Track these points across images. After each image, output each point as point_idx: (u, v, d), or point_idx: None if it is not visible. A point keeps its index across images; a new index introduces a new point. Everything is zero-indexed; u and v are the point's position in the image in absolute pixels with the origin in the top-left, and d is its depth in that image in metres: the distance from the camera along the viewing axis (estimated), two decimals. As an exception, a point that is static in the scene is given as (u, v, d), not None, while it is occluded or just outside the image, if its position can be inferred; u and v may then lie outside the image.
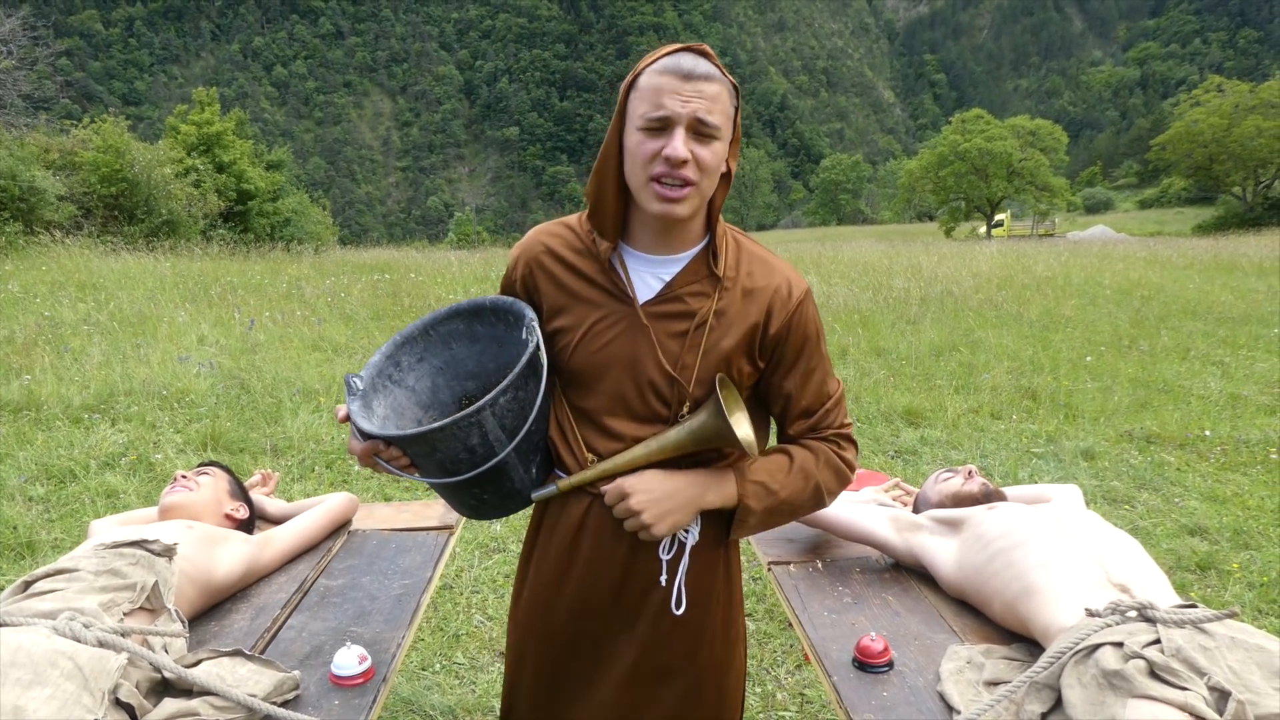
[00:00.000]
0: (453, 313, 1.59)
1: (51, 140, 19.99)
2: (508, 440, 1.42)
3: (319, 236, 29.03)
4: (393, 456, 1.42)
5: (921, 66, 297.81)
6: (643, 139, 1.37)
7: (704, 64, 1.36)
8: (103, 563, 1.69)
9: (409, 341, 1.57)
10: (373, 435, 1.39)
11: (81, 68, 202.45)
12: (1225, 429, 6.01)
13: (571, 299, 1.52)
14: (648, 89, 1.36)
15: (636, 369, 1.48)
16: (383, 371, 1.54)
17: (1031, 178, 50.87)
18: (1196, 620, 1.41)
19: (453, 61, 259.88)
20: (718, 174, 1.42)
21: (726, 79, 1.39)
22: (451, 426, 1.35)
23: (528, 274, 1.57)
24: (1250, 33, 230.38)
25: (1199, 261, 18.12)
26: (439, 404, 1.60)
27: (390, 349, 1.56)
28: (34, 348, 7.20)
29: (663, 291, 1.49)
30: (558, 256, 1.54)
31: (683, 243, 1.50)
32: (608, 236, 1.49)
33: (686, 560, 1.55)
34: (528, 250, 1.58)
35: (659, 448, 1.47)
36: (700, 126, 1.35)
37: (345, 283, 13.40)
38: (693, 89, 1.34)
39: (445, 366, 1.60)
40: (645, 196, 1.40)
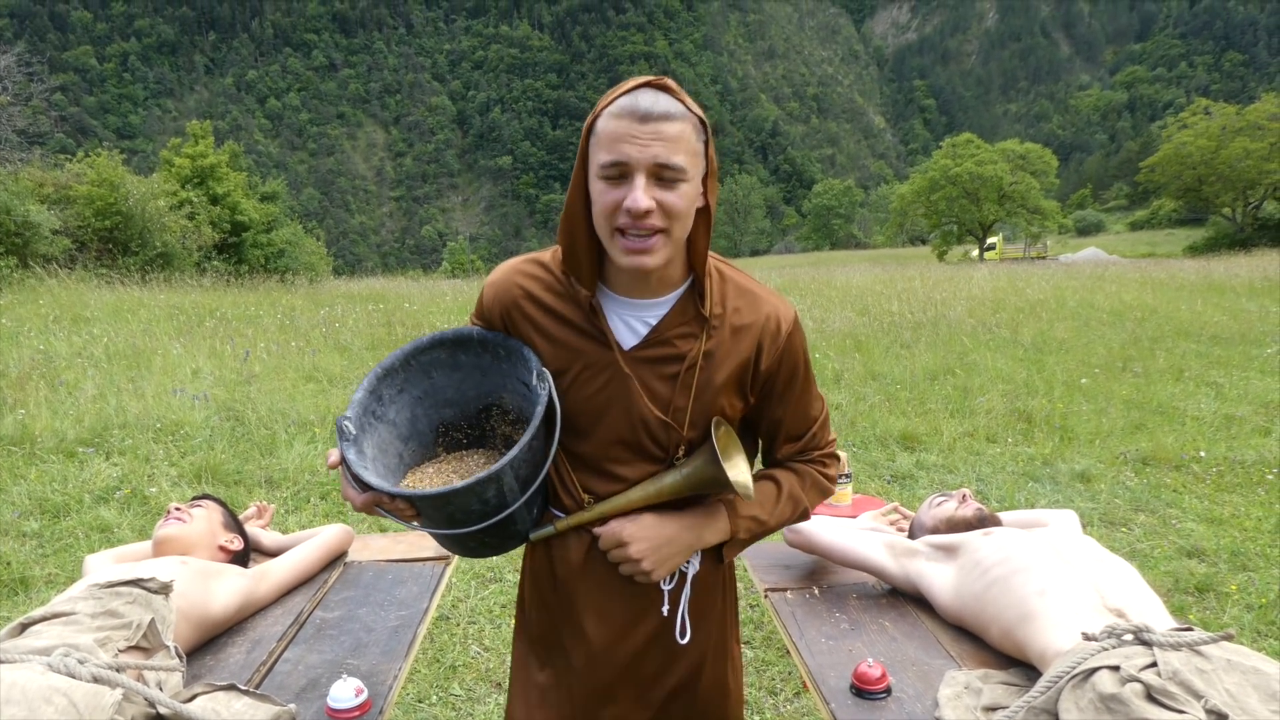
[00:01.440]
0: (435, 342, 1.53)
1: (46, 175, 20.01)
2: (521, 492, 1.40)
3: (313, 267, 29.04)
4: (399, 509, 1.37)
5: (911, 92, 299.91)
6: (604, 188, 1.30)
7: (664, 100, 1.27)
8: (99, 604, 1.68)
9: (390, 374, 1.52)
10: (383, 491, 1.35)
11: (76, 102, 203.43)
12: (1221, 450, 6.01)
13: (555, 345, 1.47)
14: (604, 134, 1.28)
15: (629, 414, 1.45)
16: (367, 409, 1.49)
17: (1022, 201, 51.13)
18: (1193, 643, 1.41)
19: (445, 92, 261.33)
20: (689, 216, 1.34)
21: (691, 113, 1.31)
22: (472, 487, 1.32)
23: (506, 316, 1.52)
24: (1235, 56, 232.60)
25: (1191, 282, 18.19)
26: (417, 434, 1.56)
27: (372, 383, 1.50)
28: (28, 382, 7.18)
29: (650, 336, 1.45)
30: (536, 300, 1.49)
31: (664, 285, 1.44)
32: (585, 285, 1.44)
33: (689, 589, 1.55)
34: (503, 292, 1.51)
35: (655, 491, 1.47)
36: (662, 171, 1.27)
37: (340, 313, 13.41)
38: (650, 131, 1.25)
39: (424, 395, 1.56)
40: (613, 249, 1.34)
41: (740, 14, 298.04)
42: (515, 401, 1.56)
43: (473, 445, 1.60)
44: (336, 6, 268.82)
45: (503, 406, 1.58)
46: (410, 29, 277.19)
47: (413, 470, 1.54)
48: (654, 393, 1.45)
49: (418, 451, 1.56)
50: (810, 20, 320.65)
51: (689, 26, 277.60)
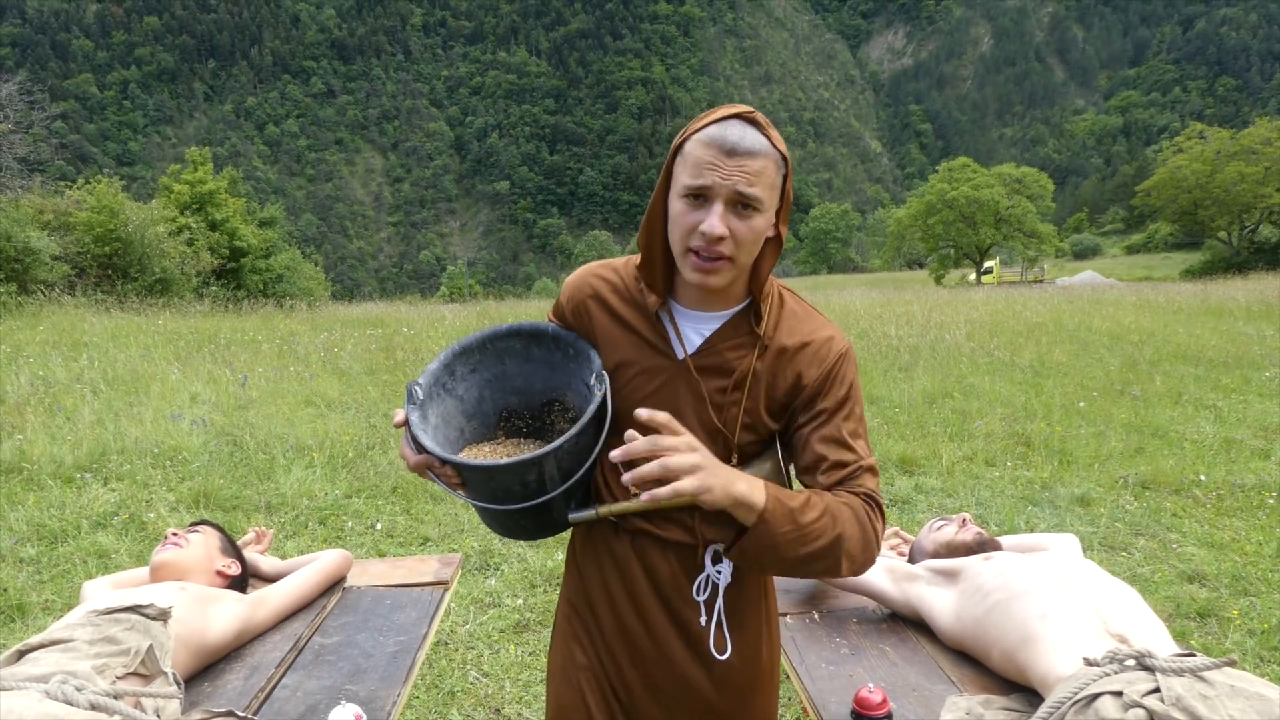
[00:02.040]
0: (513, 331, 1.62)
1: (46, 201, 20.08)
2: (561, 482, 1.46)
3: (311, 292, 29.06)
4: (447, 475, 1.44)
5: (907, 117, 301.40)
6: (684, 208, 1.37)
7: (750, 135, 1.34)
8: (98, 631, 1.68)
9: (466, 351, 1.61)
10: (435, 455, 1.42)
11: (77, 130, 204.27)
12: (1220, 474, 6.01)
13: (616, 346, 1.55)
14: (692, 158, 1.35)
15: (682, 418, 1.46)
16: (438, 380, 1.57)
17: (1019, 224, 51.37)
18: (1196, 668, 1.40)
19: (443, 118, 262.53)
20: (757, 246, 1.41)
21: (775, 149, 1.37)
22: (515, 466, 1.39)
23: (577, 314, 1.61)
24: (1229, 81, 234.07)
25: (1188, 306, 18.23)
26: (481, 414, 1.64)
27: (448, 357, 1.59)
28: (26, 407, 7.17)
29: (703, 346, 1.51)
30: (604, 302, 1.57)
31: (724, 302, 1.51)
32: (657, 292, 1.51)
33: (722, 602, 1.56)
34: (578, 290, 1.61)
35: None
36: (740, 199, 1.34)
37: (338, 338, 13.41)
38: (735, 164, 1.32)
39: (494, 379, 1.64)
40: (683, 264, 1.42)
41: (736, 39, 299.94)
42: (576, 401, 1.61)
43: (531, 435, 1.66)
44: (335, 34, 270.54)
45: (564, 403, 1.64)
46: (408, 55, 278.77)
47: (471, 446, 1.60)
48: (704, 398, 1.51)
49: (479, 430, 1.63)
50: (806, 45, 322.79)
51: (686, 52, 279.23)
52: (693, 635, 1.57)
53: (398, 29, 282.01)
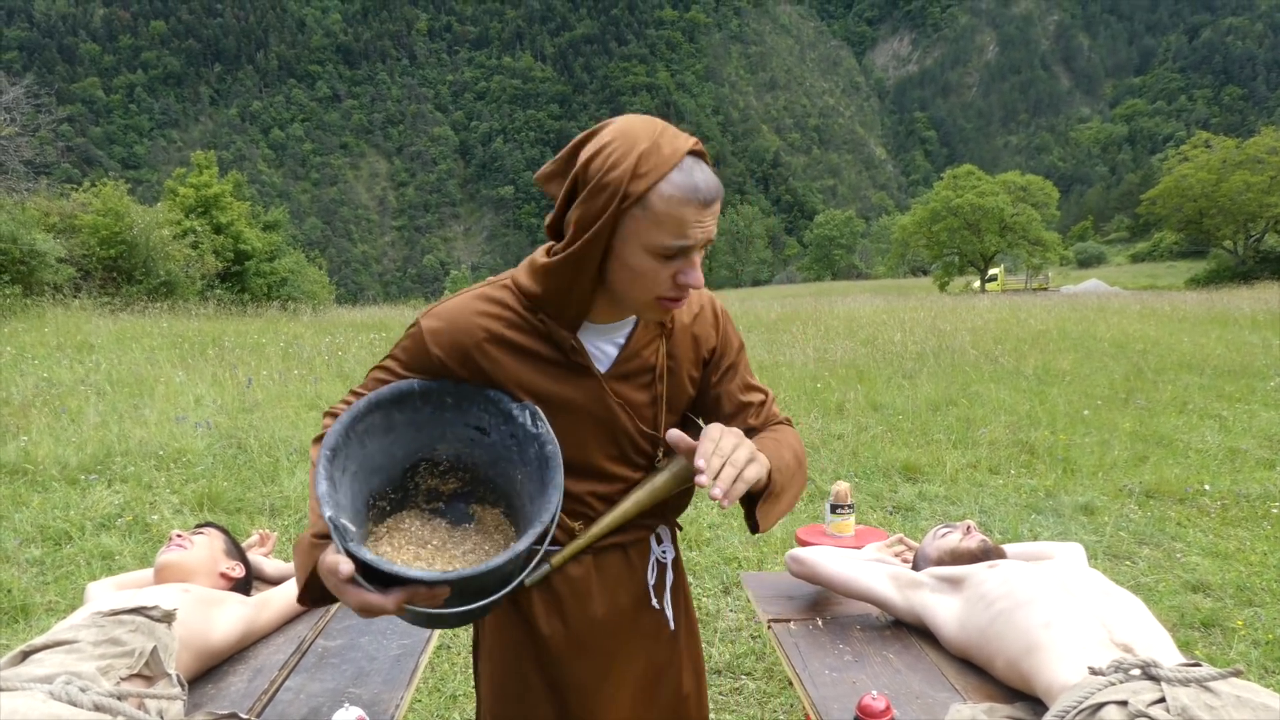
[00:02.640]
0: (372, 405, 1.38)
1: (52, 204, 20.16)
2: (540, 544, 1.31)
3: (316, 295, 29.12)
4: (435, 597, 1.22)
5: (912, 124, 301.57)
6: (655, 264, 1.30)
7: (710, 177, 1.29)
8: (102, 632, 1.68)
9: (336, 453, 1.33)
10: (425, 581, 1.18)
11: (83, 133, 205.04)
12: (1225, 483, 6.00)
13: (529, 384, 1.44)
14: (666, 217, 1.26)
15: (613, 434, 1.50)
16: (339, 504, 1.28)
17: (1024, 232, 51.31)
18: (1201, 679, 1.40)
19: (448, 122, 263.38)
20: None
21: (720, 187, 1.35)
22: (524, 551, 1.25)
23: (466, 360, 1.42)
24: (1234, 90, 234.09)
25: (1193, 315, 18.21)
26: (355, 514, 1.34)
27: (327, 469, 1.30)
28: (31, 409, 7.19)
29: (621, 355, 1.49)
30: (504, 340, 1.43)
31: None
32: (569, 328, 1.43)
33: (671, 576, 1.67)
34: (463, 334, 1.42)
35: (648, 495, 1.53)
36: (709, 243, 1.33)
37: (342, 341, 13.43)
38: (710, 214, 1.30)
39: (359, 469, 1.38)
40: (644, 309, 1.38)
41: (742, 45, 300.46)
42: (452, 450, 1.45)
43: (394, 509, 1.44)
44: (340, 38, 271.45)
45: (433, 459, 1.46)
46: (414, 60, 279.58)
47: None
48: (634, 405, 1.51)
49: (359, 534, 1.33)
50: (811, 52, 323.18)
51: (691, 58, 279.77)
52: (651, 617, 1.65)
53: (403, 34, 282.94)
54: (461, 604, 1.26)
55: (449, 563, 1.34)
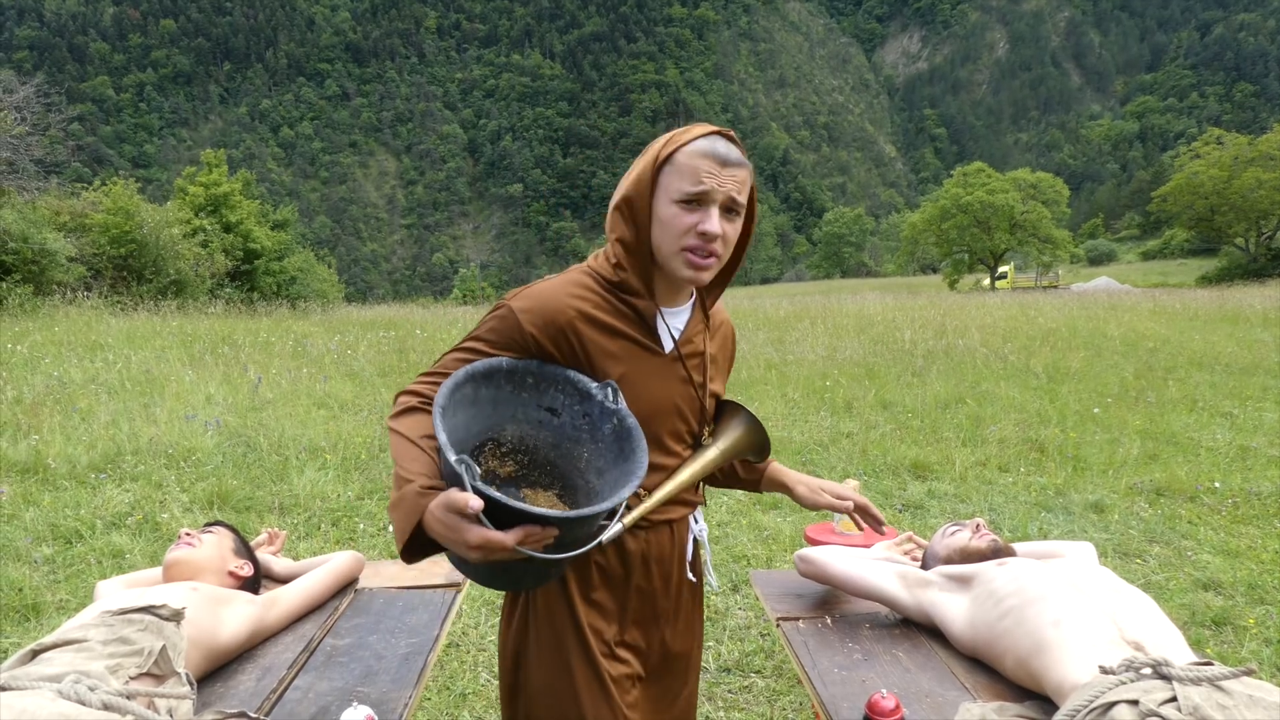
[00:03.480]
0: (467, 377, 1.47)
1: (62, 203, 20.25)
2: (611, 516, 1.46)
3: (325, 294, 29.23)
4: (546, 537, 1.29)
5: (922, 121, 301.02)
6: (679, 212, 1.51)
7: (735, 151, 1.52)
8: (111, 631, 1.68)
9: (445, 411, 1.39)
10: (549, 518, 1.26)
11: (93, 132, 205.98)
12: (1236, 481, 5.97)
13: (618, 358, 1.61)
14: (686, 167, 1.50)
15: (676, 409, 1.68)
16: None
17: (1034, 230, 51.21)
18: (1213, 677, 1.39)
19: (456, 120, 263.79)
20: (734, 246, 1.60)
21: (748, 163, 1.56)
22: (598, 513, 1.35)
23: (558, 338, 1.54)
24: (1246, 86, 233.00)
25: (1204, 312, 18.14)
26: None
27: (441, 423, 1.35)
28: (42, 408, 7.22)
29: (681, 338, 1.68)
30: (594, 320, 1.58)
31: (685, 295, 1.70)
32: (650, 298, 1.61)
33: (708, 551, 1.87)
34: (557, 314, 1.54)
35: (701, 468, 1.69)
36: (732, 205, 1.52)
37: (351, 340, 13.46)
38: (728, 174, 1.49)
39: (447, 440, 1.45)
40: (675, 264, 1.54)
41: (751, 43, 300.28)
42: (518, 431, 1.54)
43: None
44: (349, 37, 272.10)
45: (499, 440, 1.54)
46: (422, 58, 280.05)
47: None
48: (691, 382, 1.70)
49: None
50: (821, 49, 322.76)
51: (700, 55, 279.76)
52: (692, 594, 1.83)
53: (412, 32, 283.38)
54: (567, 550, 1.35)
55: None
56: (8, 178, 19.44)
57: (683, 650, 1.82)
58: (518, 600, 1.70)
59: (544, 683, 1.64)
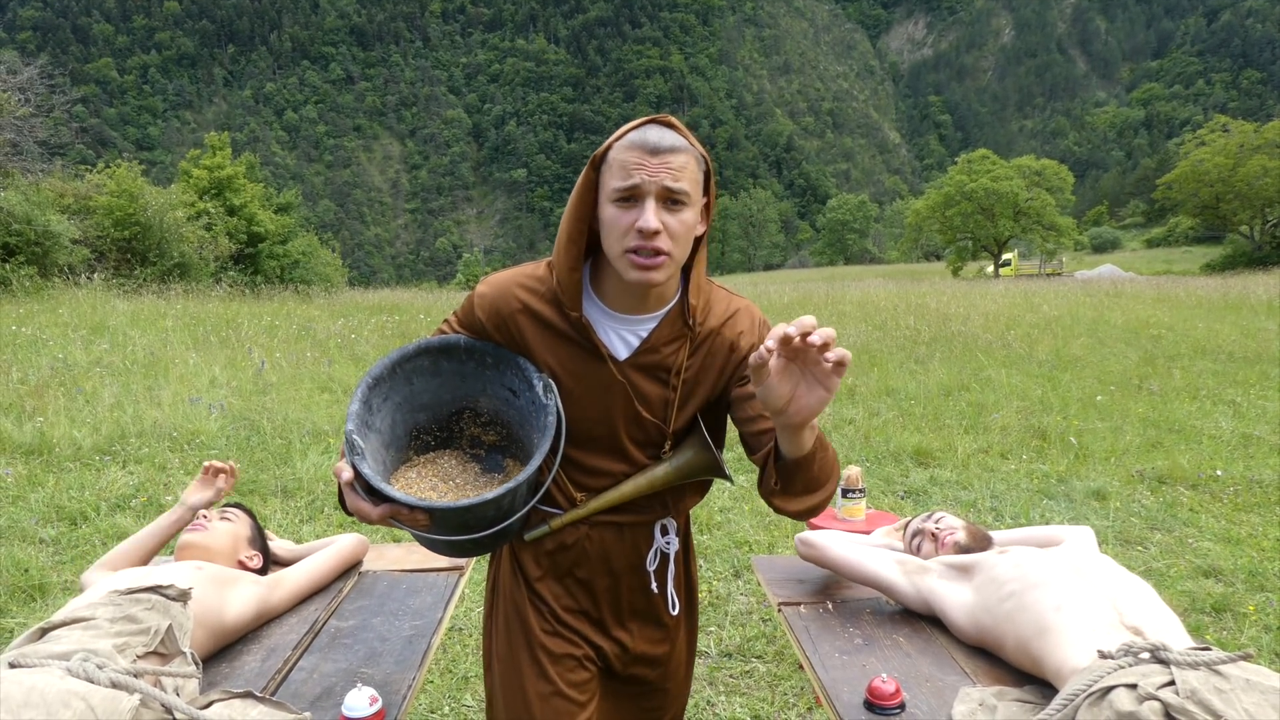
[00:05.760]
0: (421, 349, 1.59)
1: (66, 185, 20.22)
2: (530, 497, 1.50)
3: (328, 278, 29.18)
4: (415, 520, 1.42)
5: (926, 108, 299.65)
6: (617, 213, 1.43)
7: (670, 136, 1.42)
8: (119, 609, 1.69)
9: (378, 382, 1.55)
10: (407, 504, 1.38)
11: (97, 114, 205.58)
12: (1238, 469, 5.98)
13: (554, 356, 1.59)
14: (617, 163, 1.42)
15: (622, 418, 1.61)
16: (363, 420, 1.51)
17: (1038, 217, 51.02)
18: (1211, 662, 1.40)
19: (461, 105, 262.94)
20: (689, 241, 1.48)
21: (694, 148, 1.45)
22: (497, 498, 1.39)
23: (503, 328, 1.60)
24: (1253, 74, 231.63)
25: (1208, 300, 18.11)
26: (395, 439, 1.60)
27: (364, 393, 1.53)
28: (47, 390, 7.24)
29: (641, 347, 1.58)
30: (535, 313, 1.58)
31: (659, 302, 1.58)
32: (571, 306, 1.54)
33: (673, 568, 1.76)
34: (501, 303, 1.60)
35: (647, 483, 1.63)
36: (669, 195, 1.41)
37: (355, 324, 13.47)
38: (659, 162, 1.40)
39: (403, 402, 1.60)
40: (622, 266, 1.46)
41: (756, 29, 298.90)
42: (491, 405, 1.64)
43: (440, 446, 1.67)
44: (354, 20, 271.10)
45: (476, 409, 1.66)
46: (427, 42, 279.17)
47: (394, 476, 1.58)
48: (645, 396, 1.60)
49: (396, 457, 1.61)
50: (826, 35, 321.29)
51: (704, 41, 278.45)
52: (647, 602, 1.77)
53: (417, 15, 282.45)
54: (462, 533, 1.45)
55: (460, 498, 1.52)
56: (12, 159, 19.44)
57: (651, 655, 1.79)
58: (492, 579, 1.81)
59: (502, 653, 1.75)
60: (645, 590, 1.75)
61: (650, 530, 1.73)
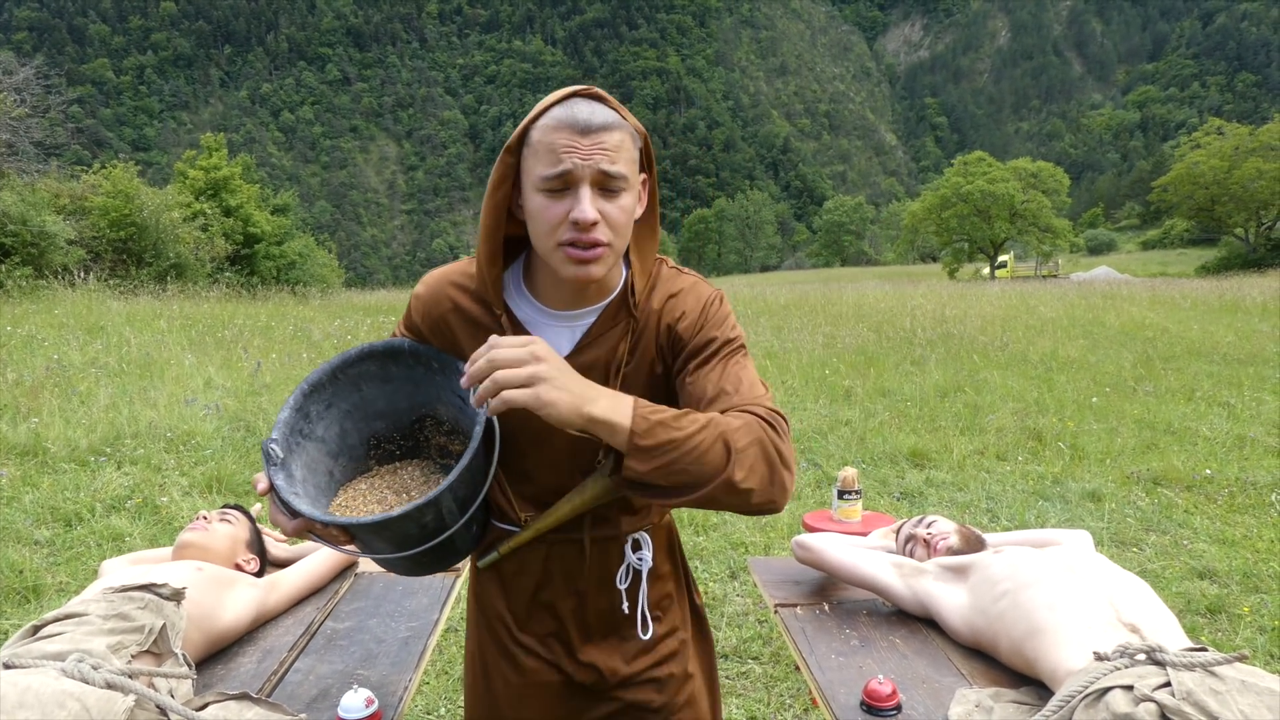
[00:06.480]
0: (364, 354, 1.46)
1: (62, 186, 20.19)
2: (460, 513, 1.36)
3: (325, 279, 29.17)
4: (332, 535, 1.30)
5: (923, 110, 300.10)
6: (546, 202, 1.25)
7: (600, 110, 1.24)
8: (111, 607, 1.69)
9: (316, 389, 1.45)
10: (314, 519, 1.28)
11: (93, 115, 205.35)
12: (1233, 471, 5.99)
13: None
14: (542, 146, 1.24)
15: (545, 429, 1.35)
16: (294, 429, 1.41)
17: (1034, 219, 51.16)
18: (1206, 663, 1.40)
19: (457, 106, 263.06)
20: (629, 228, 1.31)
21: (628, 122, 1.28)
22: (410, 512, 1.26)
23: (436, 330, 1.47)
24: (1248, 76, 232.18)
25: (1203, 302, 18.14)
26: (347, 449, 1.49)
27: (298, 401, 1.43)
28: (42, 391, 7.22)
29: (582, 343, 1.41)
30: (464, 313, 1.44)
31: (600, 294, 1.41)
32: (494, 303, 1.41)
33: (645, 586, 1.57)
34: (434, 303, 1.46)
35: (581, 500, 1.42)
36: (606, 180, 1.23)
37: (351, 325, 13.46)
38: (592, 142, 1.22)
39: (354, 409, 1.49)
40: (556, 261, 1.29)
41: (752, 30, 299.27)
42: (450, 413, 1.50)
43: (407, 455, 1.53)
44: (351, 21, 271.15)
45: (436, 417, 1.52)
46: (424, 43, 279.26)
47: (345, 487, 1.47)
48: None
49: (349, 467, 1.49)
50: (822, 37, 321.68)
51: (701, 43, 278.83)
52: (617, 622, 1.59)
53: (413, 16, 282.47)
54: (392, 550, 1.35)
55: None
56: (7, 160, 19.40)
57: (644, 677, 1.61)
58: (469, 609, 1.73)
59: (469, 654, 1.72)
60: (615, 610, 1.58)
61: (621, 546, 1.56)
